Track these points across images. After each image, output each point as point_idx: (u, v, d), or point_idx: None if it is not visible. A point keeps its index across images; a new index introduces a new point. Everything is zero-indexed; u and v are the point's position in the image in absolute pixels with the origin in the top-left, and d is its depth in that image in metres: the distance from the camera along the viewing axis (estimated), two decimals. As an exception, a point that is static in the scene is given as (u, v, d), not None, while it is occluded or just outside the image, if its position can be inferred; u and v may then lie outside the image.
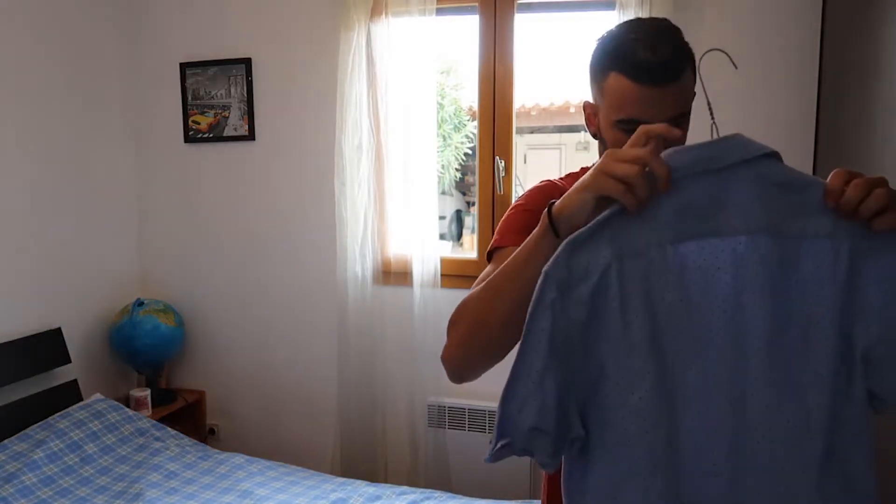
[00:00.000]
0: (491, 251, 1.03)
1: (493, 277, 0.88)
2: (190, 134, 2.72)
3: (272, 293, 2.71)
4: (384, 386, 2.51)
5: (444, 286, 2.42)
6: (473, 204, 3.45)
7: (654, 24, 0.93)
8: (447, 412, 2.43)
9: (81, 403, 2.27)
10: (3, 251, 2.22)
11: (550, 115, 4.40)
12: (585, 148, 4.86)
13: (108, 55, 2.66)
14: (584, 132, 4.88)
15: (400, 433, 2.52)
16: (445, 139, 3.77)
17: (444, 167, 3.71)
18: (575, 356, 0.74)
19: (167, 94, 2.73)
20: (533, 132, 4.74)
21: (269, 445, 2.70)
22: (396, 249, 2.53)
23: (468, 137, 3.78)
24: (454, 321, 0.95)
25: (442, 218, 3.93)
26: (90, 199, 2.59)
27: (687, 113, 0.93)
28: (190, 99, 2.70)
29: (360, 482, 2.10)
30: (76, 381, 2.42)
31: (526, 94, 3.95)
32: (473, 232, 2.86)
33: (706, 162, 0.73)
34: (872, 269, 0.71)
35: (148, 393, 2.53)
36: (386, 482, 2.32)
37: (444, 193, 3.97)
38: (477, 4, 2.36)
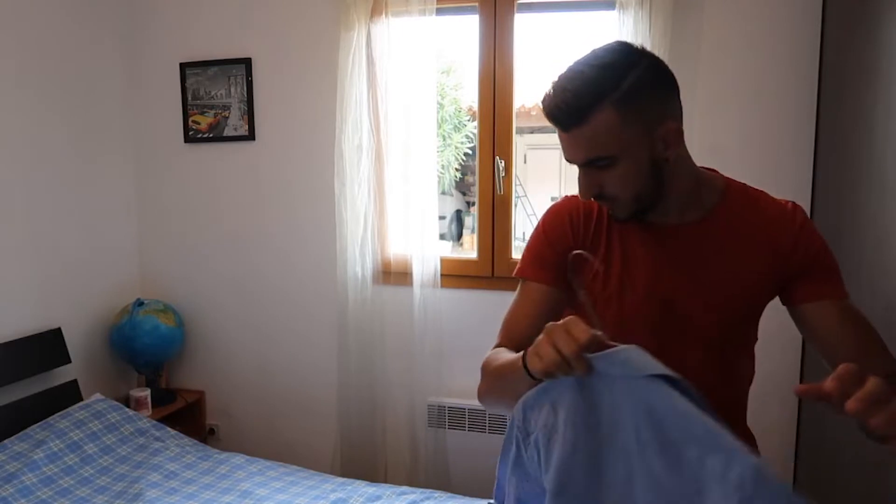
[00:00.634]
0: (517, 276, 1.13)
1: (495, 368, 1.02)
2: (190, 134, 2.72)
3: (272, 293, 2.70)
4: (384, 386, 2.51)
5: (444, 286, 2.42)
6: (473, 204, 3.45)
7: (579, 63, 0.93)
8: (447, 412, 2.43)
9: (81, 403, 2.27)
10: (3, 251, 2.22)
11: (550, 115, 4.38)
12: (585, 148, 4.84)
13: (108, 55, 2.66)
14: (584, 132, 4.88)
15: (400, 433, 2.52)
16: (445, 139, 3.77)
17: (444, 167, 3.71)
18: (529, 475, 0.93)
19: (167, 94, 2.72)
20: (533, 132, 4.73)
21: (269, 445, 2.70)
22: (396, 249, 2.53)
23: (468, 137, 3.78)
24: (482, 370, 1.09)
25: (442, 218, 3.93)
26: (90, 199, 2.59)
27: (607, 157, 0.92)
28: (190, 99, 2.70)
29: (360, 482, 2.09)
30: (76, 381, 2.42)
31: (526, 94, 3.94)
32: (473, 232, 2.86)
33: (619, 368, 0.85)
34: None
35: (148, 393, 2.53)
36: (386, 482, 2.31)
37: (444, 193, 3.96)
38: (477, 4, 2.36)
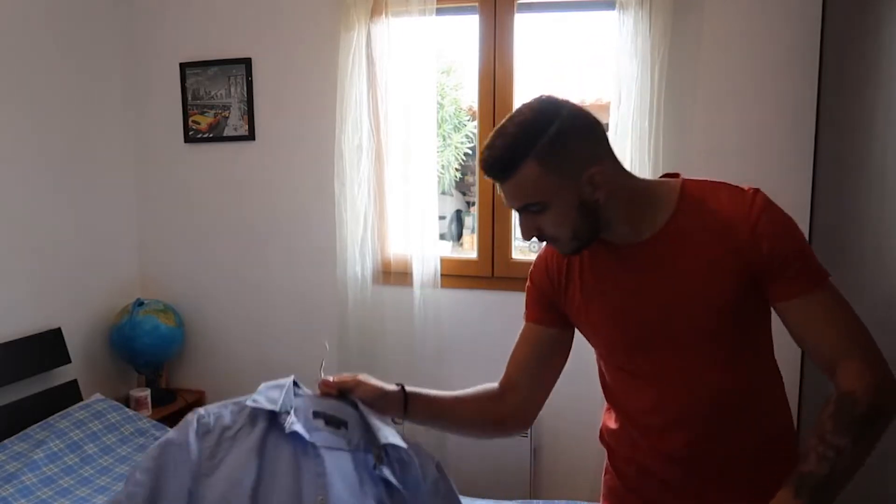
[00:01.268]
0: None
1: None
2: (190, 134, 2.72)
3: (272, 293, 2.70)
4: (384, 386, 2.51)
5: (444, 286, 2.42)
6: (473, 204, 3.45)
7: (509, 119, 1.00)
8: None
9: (81, 403, 2.27)
10: (3, 251, 2.22)
11: (550, 115, 4.39)
12: (585, 148, 4.84)
13: (108, 55, 2.66)
14: (584, 132, 4.90)
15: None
16: (445, 139, 3.77)
17: (444, 167, 3.70)
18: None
19: (167, 94, 2.72)
20: (533, 132, 4.73)
21: (269, 445, 2.69)
22: (396, 249, 2.53)
23: (468, 137, 3.77)
24: None
25: (442, 218, 3.93)
26: (90, 199, 2.59)
27: (538, 203, 1.00)
28: (190, 99, 2.69)
29: (360, 482, 2.09)
30: (76, 381, 2.42)
31: (526, 94, 3.94)
32: (473, 232, 2.86)
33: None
34: None
35: (148, 393, 2.53)
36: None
37: (444, 193, 3.96)
38: (477, 4, 2.36)
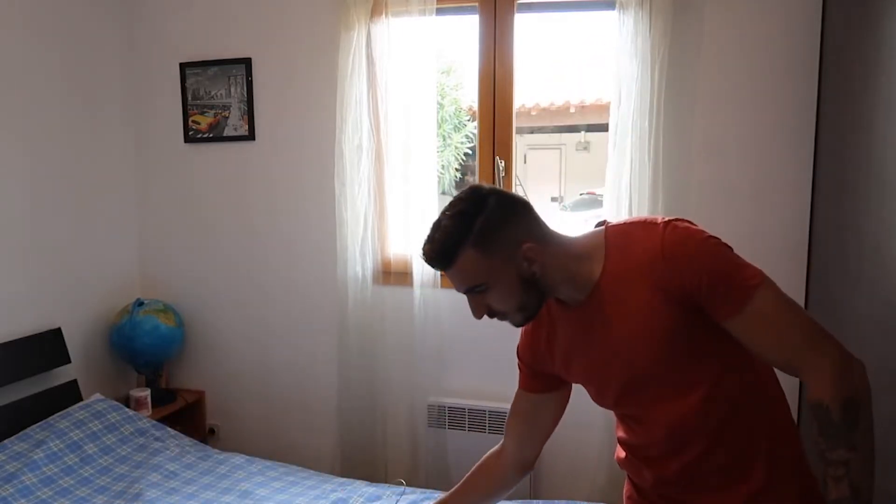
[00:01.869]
0: None
1: None
2: (190, 134, 2.72)
3: (272, 293, 2.70)
4: (384, 386, 2.51)
5: (444, 286, 2.42)
6: (473, 204, 3.44)
7: (443, 213, 1.08)
8: (447, 412, 2.43)
9: (81, 403, 2.27)
10: (2, 251, 2.22)
11: (550, 115, 4.39)
12: (585, 148, 4.86)
13: (108, 55, 2.66)
14: (584, 132, 4.89)
15: (400, 433, 2.52)
16: (445, 139, 3.77)
17: (444, 167, 3.71)
18: None
19: (167, 94, 2.72)
20: (533, 132, 4.74)
21: (269, 445, 2.70)
22: (396, 249, 2.53)
23: (468, 137, 3.78)
24: None
25: (442, 218, 3.91)
26: (90, 199, 2.59)
27: (481, 284, 1.07)
28: (190, 99, 2.69)
29: (360, 482, 2.09)
30: (76, 381, 2.42)
31: (526, 94, 3.95)
32: (473, 232, 2.86)
33: None
34: None
35: (148, 393, 2.53)
36: (386, 482, 2.31)
37: (444, 193, 3.96)
38: (477, 4, 2.36)
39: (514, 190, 2.46)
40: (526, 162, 4.69)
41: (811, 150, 2.11)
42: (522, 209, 1.09)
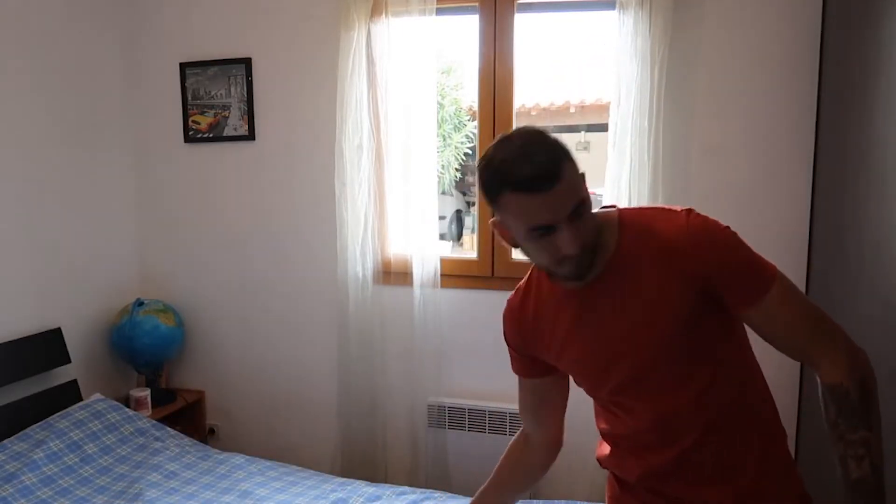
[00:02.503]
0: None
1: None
2: (190, 134, 2.72)
3: (272, 293, 2.70)
4: (384, 386, 2.51)
5: (444, 286, 2.42)
6: (473, 204, 3.46)
7: (521, 138, 0.99)
8: (447, 412, 2.43)
9: (81, 403, 2.27)
10: (3, 251, 2.22)
11: (550, 115, 4.40)
12: (585, 148, 4.86)
13: (108, 55, 2.66)
14: (584, 132, 4.89)
15: (400, 433, 2.52)
16: (445, 139, 3.77)
17: (444, 167, 3.71)
18: None
19: (167, 94, 2.72)
20: (533, 132, 4.73)
21: (269, 445, 2.70)
22: (396, 249, 2.53)
23: (468, 137, 3.78)
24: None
25: (442, 218, 3.93)
26: (90, 199, 2.59)
27: (584, 199, 0.99)
28: (190, 99, 2.70)
29: (360, 482, 2.10)
30: (76, 381, 2.42)
31: (526, 94, 3.95)
32: (473, 232, 2.87)
33: None
34: None
35: (148, 393, 2.53)
36: (386, 482, 2.32)
37: (444, 193, 3.97)
38: (477, 4, 2.36)
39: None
40: (526, 162, 4.68)
41: (811, 150, 2.11)
42: None
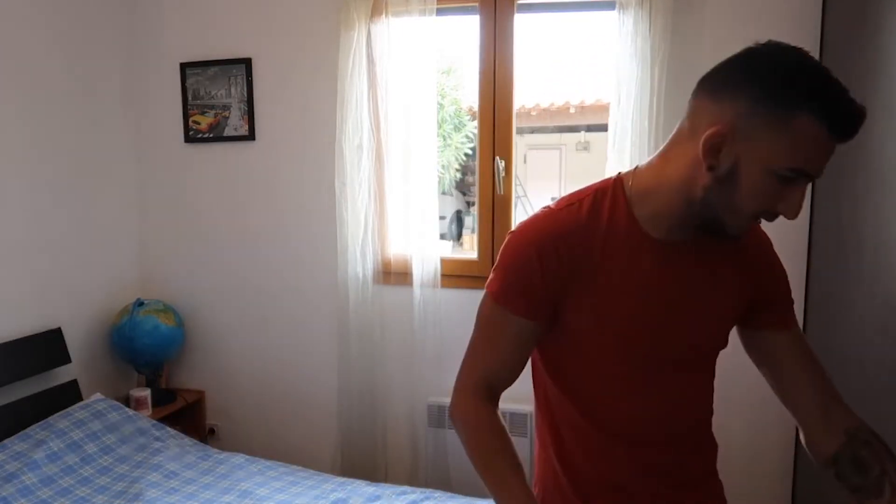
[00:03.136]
0: (497, 301, 0.99)
1: (486, 463, 0.98)
2: (190, 134, 2.72)
3: (272, 293, 2.71)
4: (384, 386, 2.51)
5: (444, 286, 2.42)
6: (473, 204, 3.46)
7: (837, 81, 0.82)
8: (447, 412, 2.43)
9: (81, 403, 2.27)
10: (3, 251, 2.22)
11: (550, 115, 4.41)
12: (585, 148, 4.87)
13: (108, 55, 2.66)
14: (584, 132, 4.89)
15: (400, 433, 2.52)
16: (445, 139, 3.77)
17: (444, 167, 3.72)
18: None
19: (167, 94, 2.73)
20: (533, 132, 4.75)
21: (269, 445, 2.70)
22: (396, 249, 2.53)
23: (468, 137, 3.78)
24: (457, 426, 1.11)
25: (442, 218, 3.94)
26: (90, 199, 2.59)
27: None
28: (190, 99, 2.70)
29: (360, 482, 2.10)
30: (76, 381, 2.42)
31: (526, 94, 3.96)
32: (473, 232, 2.87)
33: None
34: None
35: (148, 393, 2.53)
36: (386, 482, 2.32)
37: (444, 193, 3.97)
38: (477, 4, 2.36)
39: (513, 190, 2.46)
40: (526, 162, 4.70)
41: (811, 150, 2.10)
42: None
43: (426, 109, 2.35)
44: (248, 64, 2.60)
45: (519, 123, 2.49)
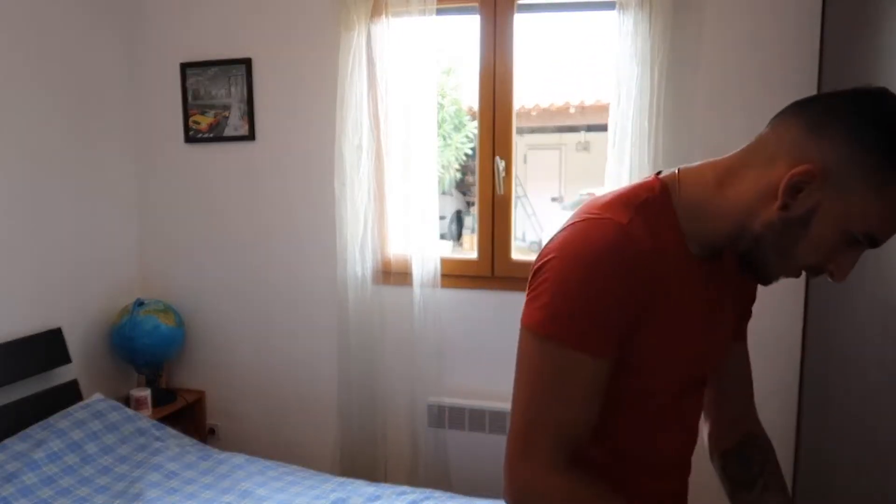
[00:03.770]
0: (568, 343, 0.80)
1: None
2: (190, 134, 2.72)
3: (272, 293, 2.71)
4: (384, 386, 2.52)
5: (444, 286, 2.42)
6: (473, 204, 3.45)
7: None
8: (447, 412, 2.44)
9: (81, 403, 2.27)
10: (3, 251, 2.22)
11: (550, 115, 4.41)
12: (585, 148, 4.87)
13: (108, 55, 2.66)
14: (584, 132, 4.89)
15: (400, 433, 2.52)
16: (445, 139, 3.78)
17: (444, 167, 3.72)
18: None
19: (167, 94, 2.73)
20: (533, 132, 4.75)
21: (269, 445, 2.70)
22: (396, 249, 2.53)
23: (468, 137, 3.79)
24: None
25: (442, 218, 3.94)
26: (90, 199, 2.59)
27: None
28: (190, 99, 2.70)
29: (360, 482, 2.10)
30: (76, 380, 2.42)
31: (526, 94, 3.96)
32: (473, 232, 2.87)
33: None
34: None
35: (148, 393, 2.53)
36: (386, 482, 2.32)
37: (444, 193, 3.97)
38: (477, 4, 2.36)
39: (513, 190, 2.46)
40: (526, 162, 4.69)
41: (811, 150, 2.10)
42: None
43: (426, 109, 2.35)
44: (248, 64, 2.60)
45: (519, 123, 2.49)
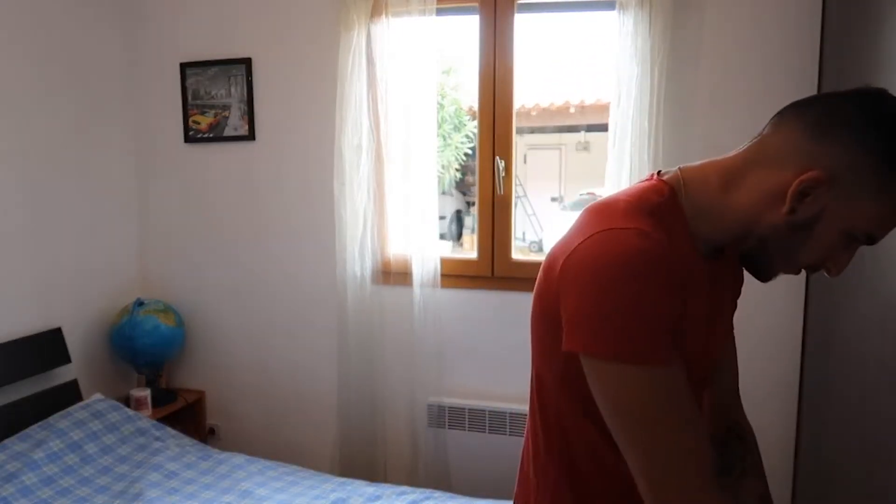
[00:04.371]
0: (651, 362, 0.74)
1: None
2: (190, 134, 2.72)
3: (272, 293, 2.71)
4: (384, 386, 2.52)
5: (443, 286, 2.42)
6: (473, 204, 3.45)
7: None
8: (447, 412, 2.44)
9: (81, 403, 2.27)
10: (3, 251, 2.22)
11: (550, 115, 4.41)
12: (585, 148, 4.87)
13: (108, 55, 2.66)
14: (584, 132, 4.89)
15: (400, 433, 2.52)
16: (445, 139, 3.78)
17: (444, 167, 3.72)
18: None
19: (167, 94, 2.73)
20: (533, 132, 4.75)
21: (269, 445, 2.70)
22: (396, 249, 2.53)
23: (468, 137, 3.79)
24: None
25: (442, 218, 3.94)
26: (90, 199, 2.59)
27: None
28: (190, 99, 2.70)
29: (359, 482, 2.10)
30: (76, 380, 2.42)
31: (526, 94, 3.96)
32: (473, 232, 2.87)
33: None
34: None
35: (148, 393, 2.53)
36: (386, 482, 2.32)
37: (444, 193, 3.98)
38: (477, 4, 2.36)
39: (513, 190, 2.46)
40: (526, 162, 4.69)
41: (811, 150, 2.10)
42: None
43: (426, 109, 2.35)
44: (248, 64, 2.60)
45: (519, 123, 2.49)
